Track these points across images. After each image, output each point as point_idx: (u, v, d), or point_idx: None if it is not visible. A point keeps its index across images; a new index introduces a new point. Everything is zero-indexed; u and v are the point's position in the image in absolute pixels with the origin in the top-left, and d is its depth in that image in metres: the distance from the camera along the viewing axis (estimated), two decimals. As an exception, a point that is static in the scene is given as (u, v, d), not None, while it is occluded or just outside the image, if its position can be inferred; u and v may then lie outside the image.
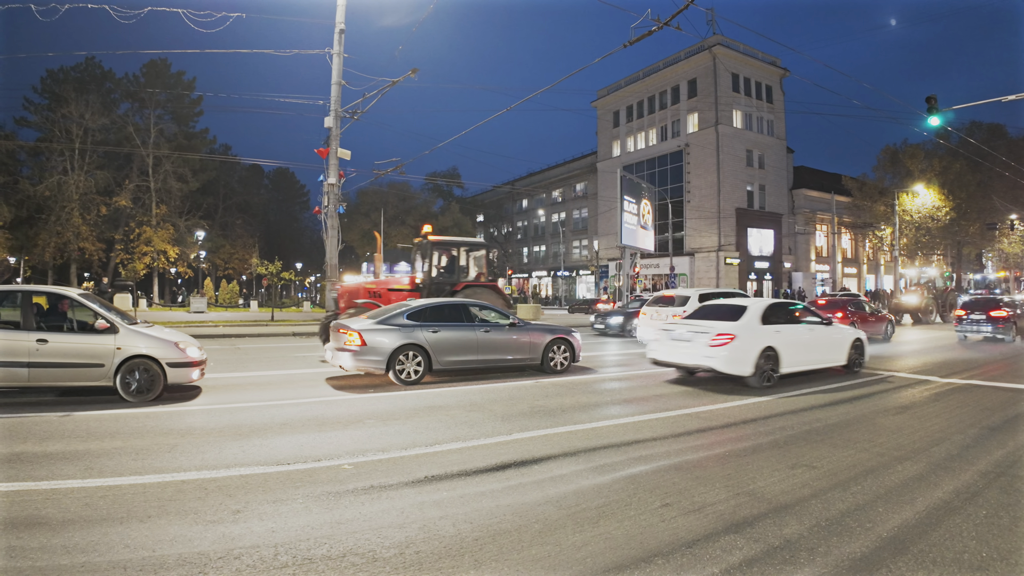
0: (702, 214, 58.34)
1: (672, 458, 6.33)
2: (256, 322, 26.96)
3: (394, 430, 7.38)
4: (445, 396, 9.86)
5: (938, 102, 19.77)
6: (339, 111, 21.76)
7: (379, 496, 5.01)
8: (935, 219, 58.54)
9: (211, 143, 67.41)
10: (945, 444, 6.98)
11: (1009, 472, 5.90)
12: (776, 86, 63.88)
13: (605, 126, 74.42)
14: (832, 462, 6.20)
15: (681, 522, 4.52)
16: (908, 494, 5.23)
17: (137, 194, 53.46)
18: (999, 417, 8.51)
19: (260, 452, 6.34)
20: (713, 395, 10.26)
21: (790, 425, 7.95)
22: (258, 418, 8.06)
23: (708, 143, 58.66)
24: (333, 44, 21.64)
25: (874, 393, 10.59)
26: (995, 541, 4.26)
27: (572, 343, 12.94)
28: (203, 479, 5.48)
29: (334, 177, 21.46)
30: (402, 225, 71.50)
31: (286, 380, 11.58)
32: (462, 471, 5.73)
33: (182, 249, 55.56)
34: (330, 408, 8.80)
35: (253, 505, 4.81)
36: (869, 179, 64.37)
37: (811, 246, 65.66)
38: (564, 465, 5.99)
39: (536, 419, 8.11)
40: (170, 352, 9.25)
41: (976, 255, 76.07)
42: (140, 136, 53.37)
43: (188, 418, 8.15)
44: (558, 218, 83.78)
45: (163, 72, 58.80)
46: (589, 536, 4.25)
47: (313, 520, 4.50)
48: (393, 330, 10.76)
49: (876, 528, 4.47)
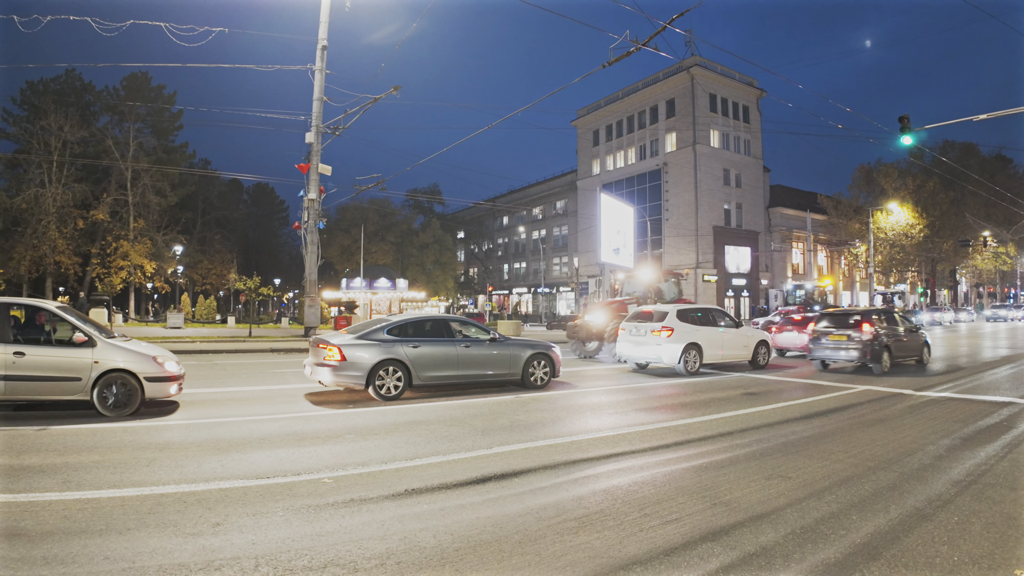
0: (680, 232, 58.89)
1: (650, 470, 6.41)
2: (234, 338, 26.73)
3: (374, 445, 7.39)
4: (425, 411, 9.89)
5: (911, 122, 20.21)
6: (320, 127, 21.84)
7: (359, 509, 5.04)
8: (909, 236, 59.59)
9: (190, 157, 67.14)
10: (918, 455, 7.08)
11: (981, 480, 6.01)
12: (753, 106, 64.86)
13: (585, 145, 75.09)
14: (807, 473, 6.29)
15: (659, 531, 4.59)
16: (881, 503, 5.33)
17: (115, 208, 52.92)
18: (971, 429, 8.64)
19: (239, 466, 6.34)
20: (691, 409, 10.38)
21: (767, 438, 8.07)
22: (237, 433, 8.05)
23: (686, 162, 59.36)
24: (315, 60, 21.76)
25: (849, 405, 10.73)
26: (966, 546, 4.36)
27: (552, 358, 13.00)
28: (182, 492, 5.47)
29: (314, 193, 21.49)
30: (382, 241, 71.47)
31: (265, 396, 11.53)
32: (442, 484, 5.76)
33: (159, 264, 55.03)
34: (309, 423, 8.79)
35: (233, 518, 4.82)
36: (844, 197, 65.51)
37: (787, 263, 66.45)
38: (543, 478, 6.04)
39: (516, 433, 8.17)
40: (148, 366, 9.18)
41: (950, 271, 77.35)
42: (119, 149, 52.91)
43: (166, 432, 8.11)
44: (538, 235, 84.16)
45: (144, 85, 58.50)
46: (569, 545, 4.31)
47: (294, 532, 4.52)
48: (373, 345, 10.76)
49: (850, 535, 4.55)
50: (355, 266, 62.59)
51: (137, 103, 55.24)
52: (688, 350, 15.40)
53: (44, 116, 48.12)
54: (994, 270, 76.42)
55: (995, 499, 5.44)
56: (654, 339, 15.47)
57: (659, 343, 15.37)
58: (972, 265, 73.78)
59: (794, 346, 21.23)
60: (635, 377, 15.30)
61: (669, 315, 15.67)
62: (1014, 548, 4.33)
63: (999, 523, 4.82)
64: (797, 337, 21.10)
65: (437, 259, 76.20)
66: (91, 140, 53.06)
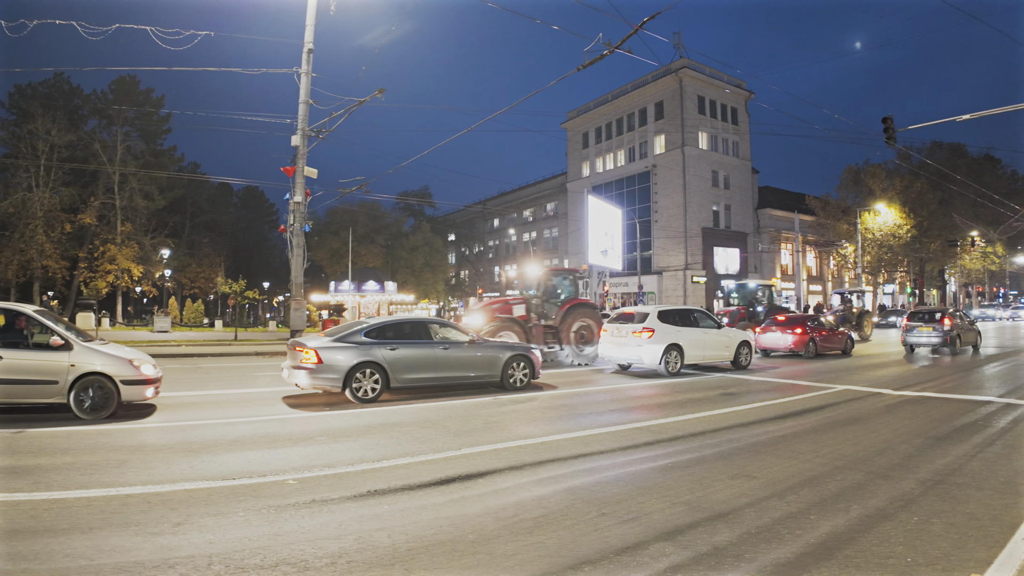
0: (669, 233, 59.01)
1: (616, 470, 6.46)
2: (219, 341, 26.73)
3: (344, 447, 7.42)
4: (401, 413, 9.92)
5: (895, 123, 20.40)
6: (306, 130, 21.82)
7: (320, 510, 5.07)
8: (896, 237, 59.86)
9: (179, 161, 66.82)
10: (888, 454, 7.09)
11: (948, 480, 6.00)
12: (741, 108, 65.11)
13: (575, 147, 75.20)
14: (773, 472, 6.30)
15: (615, 531, 4.61)
16: (844, 502, 5.32)
17: (102, 212, 52.64)
18: (946, 428, 8.66)
19: (208, 468, 6.37)
20: (667, 409, 10.44)
21: (738, 437, 8.10)
22: (210, 435, 8.08)
23: (675, 164, 59.51)
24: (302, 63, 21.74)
25: (826, 405, 10.80)
26: (924, 547, 4.33)
27: (532, 360, 13.03)
28: (148, 493, 5.51)
29: (300, 195, 21.46)
30: (372, 244, 71.36)
31: (243, 399, 11.57)
32: (406, 485, 5.79)
33: (147, 268, 54.78)
34: (283, 426, 8.82)
35: (195, 518, 4.86)
36: (832, 198, 65.68)
37: (776, 264, 66.68)
38: (509, 478, 6.08)
39: (488, 434, 8.22)
40: (124, 369, 9.19)
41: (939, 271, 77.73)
42: (107, 153, 52.64)
43: (140, 435, 8.13)
44: (529, 237, 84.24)
45: (132, 89, 58.26)
46: (522, 545, 4.34)
47: (252, 532, 4.56)
48: (350, 348, 10.76)
49: (806, 535, 4.54)
50: (344, 269, 62.52)
51: (125, 107, 55.00)
52: (669, 351, 15.47)
53: (32, 120, 47.83)
54: (982, 270, 76.82)
55: (960, 499, 5.42)
56: (635, 340, 15.54)
57: (640, 344, 15.44)
58: (961, 265, 74.16)
59: (778, 346, 21.33)
60: (616, 378, 15.37)
61: (650, 316, 15.75)
62: (973, 550, 4.28)
63: (961, 524, 4.79)
64: (781, 337, 21.21)
65: (427, 261, 76.13)
66: (79, 144, 52.75)
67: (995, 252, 73.45)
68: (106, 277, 52.64)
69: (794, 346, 20.83)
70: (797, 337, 20.85)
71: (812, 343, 20.90)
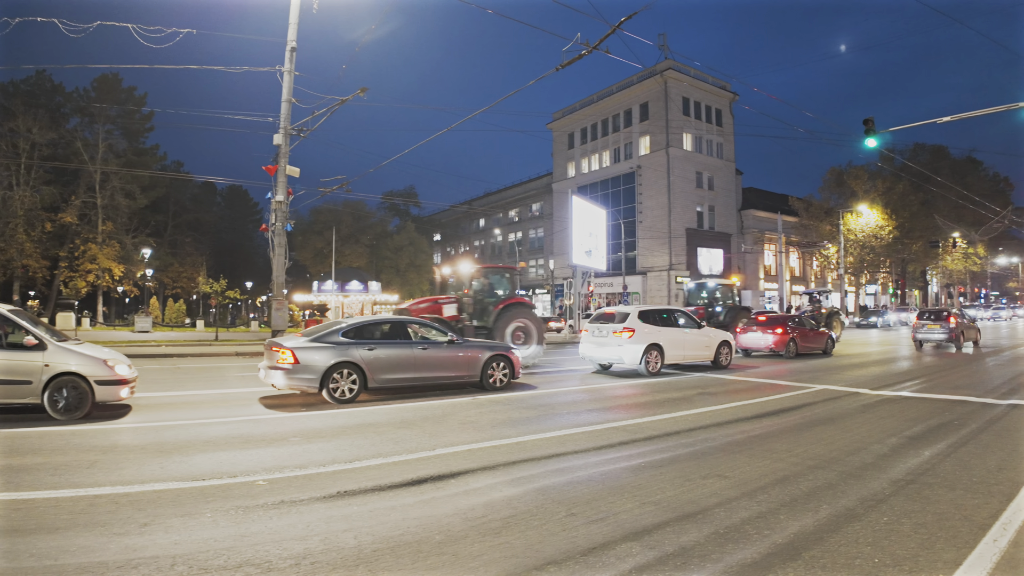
0: (654, 234, 59.25)
1: (588, 470, 6.44)
2: (200, 342, 26.55)
3: (317, 448, 7.37)
4: (377, 414, 9.87)
5: (878, 125, 20.57)
6: (288, 129, 21.73)
7: (288, 511, 5.04)
8: (879, 238, 60.42)
9: (162, 159, 66.44)
10: (862, 454, 7.09)
11: (920, 480, 6.00)
12: (726, 110, 65.49)
13: (560, 148, 75.34)
14: (746, 471, 6.30)
15: (582, 531, 4.60)
16: (814, 502, 5.31)
17: (83, 210, 52.23)
18: (922, 427, 8.68)
19: (179, 469, 6.33)
20: (645, 409, 10.46)
21: (713, 437, 8.11)
22: (183, 436, 8.01)
23: (659, 165, 59.76)
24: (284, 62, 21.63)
25: (803, 404, 10.84)
26: (892, 547, 4.32)
27: (512, 359, 13.02)
28: (116, 494, 5.48)
29: (282, 195, 21.37)
30: (356, 244, 71.15)
31: (220, 399, 11.49)
32: (376, 486, 5.76)
33: (128, 267, 54.36)
34: (258, 427, 8.76)
35: (162, 519, 4.83)
36: (815, 199, 66.29)
37: (760, 265, 67.08)
38: (481, 479, 6.07)
39: (464, 435, 8.19)
40: (98, 370, 9.12)
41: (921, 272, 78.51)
42: (88, 151, 52.25)
43: (113, 436, 8.07)
44: (515, 237, 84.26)
45: (114, 87, 57.84)
46: (488, 546, 4.33)
47: (219, 533, 4.53)
48: (327, 348, 10.70)
49: (773, 535, 4.53)
50: (328, 269, 62.24)
51: (107, 105, 54.60)
52: (649, 351, 15.52)
53: (13, 118, 47.43)
54: (964, 270, 77.71)
55: (931, 499, 5.40)
56: (615, 340, 15.58)
57: (620, 344, 15.48)
58: (942, 266, 74.97)
59: (758, 346, 21.45)
60: (596, 378, 15.40)
61: (631, 316, 15.79)
62: (942, 551, 4.27)
63: (930, 524, 4.77)
64: (762, 337, 21.33)
65: (412, 261, 75.96)
66: (60, 142, 52.35)
67: (976, 253, 74.40)
68: (87, 277, 52.20)
69: (775, 346, 20.95)
70: (777, 337, 20.97)
71: (792, 343, 21.04)
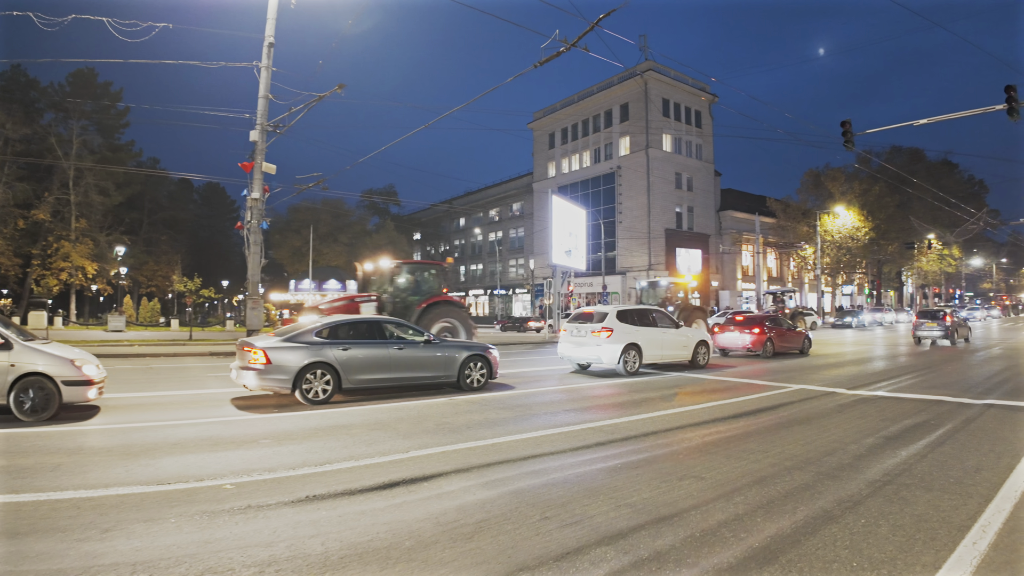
0: (633, 234, 59.48)
1: (564, 472, 6.36)
2: (174, 341, 26.17)
3: (288, 450, 7.23)
4: (351, 415, 9.72)
5: (855, 127, 20.80)
6: (265, 125, 21.50)
7: (255, 516, 4.92)
8: (855, 239, 61.08)
9: (137, 156, 65.53)
10: (838, 454, 7.06)
11: (897, 481, 5.97)
12: (705, 111, 65.90)
13: (541, 147, 75.42)
14: (722, 473, 6.24)
15: (556, 535, 4.52)
16: (791, 503, 5.26)
17: (57, 207, 51.38)
18: (898, 427, 8.68)
19: (144, 472, 6.17)
20: (622, 409, 10.43)
21: (689, 437, 8.08)
22: (151, 438, 7.83)
23: (639, 166, 60.01)
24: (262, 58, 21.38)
25: (781, 404, 10.85)
26: (869, 550, 4.26)
27: (490, 360, 12.94)
28: (79, 498, 5.33)
29: (258, 192, 21.14)
30: (335, 242, 70.72)
31: (191, 400, 11.29)
32: (347, 490, 5.64)
33: (101, 265, 53.58)
34: (228, 428, 8.59)
35: (124, 524, 4.70)
36: (793, 201, 66.93)
37: (737, 265, 67.60)
38: (455, 481, 5.96)
39: (439, 436, 8.07)
40: (66, 370, 8.93)
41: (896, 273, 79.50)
42: (63, 147, 51.42)
43: (80, 438, 7.88)
44: (495, 237, 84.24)
45: (90, 82, 57.02)
46: (459, 552, 4.23)
47: (182, 539, 4.40)
48: (300, 348, 10.54)
49: (750, 538, 4.47)
50: (306, 267, 61.83)
51: (82, 100, 53.75)
52: (628, 350, 15.51)
53: (-15, 113, 46.60)
54: (939, 271, 78.84)
55: (908, 500, 5.36)
56: (594, 340, 15.55)
57: (599, 344, 15.45)
58: (918, 267, 75.98)
59: (736, 346, 21.54)
60: (575, 378, 15.36)
61: (609, 316, 15.77)
62: (920, 553, 4.23)
63: (908, 526, 4.73)
64: (739, 337, 21.42)
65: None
66: (34, 138, 51.44)
67: (951, 254, 75.49)
68: (59, 275, 51.40)
69: (752, 345, 21.06)
70: (755, 337, 21.08)
71: (770, 343, 21.16)
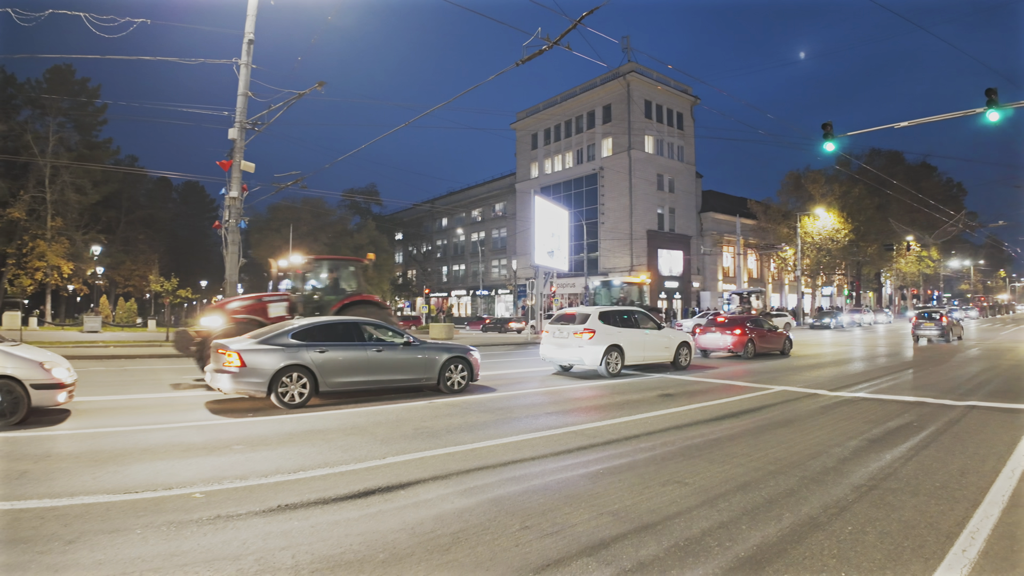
0: (615, 235, 59.60)
1: (545, 478, 6.24)
2: (151, 342, 25.82)
3: (261, 456, 7.05)
4: (328, 419, 9.53)
5: (836, 129, 20.84)
6: (244, 123, 21.22)
7: (224, 526, 4.76)
8: (835, 240, 61.62)
9: (115, 154, 64.62)
10: (822, 457, 6.99)
11: (882, 485, 5.89)
12: (687, 113, 66.16)
13: (524, 148, 75.41)
14: (705, 478, 6.15)
15: (535, 546, 4.40)
16: (776, 510, 5.17)
17: (33, 206, 50.59)
18: (881, 430, 8.62)
19: (112, 480, 5.99)
20: (604, 412, 10.35)
21: (672, 441, 7.97)
22: (121, 443, 7.62)
23: (621, 167, 60.13)
24: (241, 54, 21.10)
25: (763, 406, 10.81)
26: (857, 559, 4.16)
27: (471, 362, 12.82)
28: (43, 508, 5.15)
29: (236, 191, 20.86)
30: (315, 242, 70.10)
31: (164, 403, 11.06)
32: (320, 499, 5.48)
33: (78, 265, 52.82)
34: (200, 433, 8.38)
35: (88, 535, 4.53)
36: (773, 203, 67.39)
37: (718, 266, 67.94)
38: (432, 489, 5.82)
39: (417, 441, 7.92)
40: (35, 373, 8.69)
41: (875, 274, 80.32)
42: (39, 145, 50.63)
43: (48, 443, 7.66)
44: (477, 237, 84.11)
45: (67, 78, 56.24)
46: (435, 564, 4.10)
47: (147, 551, 4.24)
48: (276, 350, 10.33)
49: (735, 547, 4.37)
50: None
51: (60, 96, 52.95)
52: (610, 352, 15.44)
53: (-39, 110, 45.81)
54: (917, 273, 79.79)
55: (895, 505, 5.28)
56: (576, 341, 15.47)
57: (581, 345, 15.38)
58: (896, 268, 76.83)
59: (717, 347, 21.57)
60: (556, 380, 15.28)
61: (591, 317, 15.70)
62: (909, 562, 4.13)
63: (895, 532, 4.65)
64: (720, 338, 21.45)
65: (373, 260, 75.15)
66: (10, 135, 50.62)
67: (930, 256, 76.37)
68: (35, 275, 50.60)
69: (733, 347, 21.10)
70: (736, 338, 21.11)
71: (751, 344, 21.19)
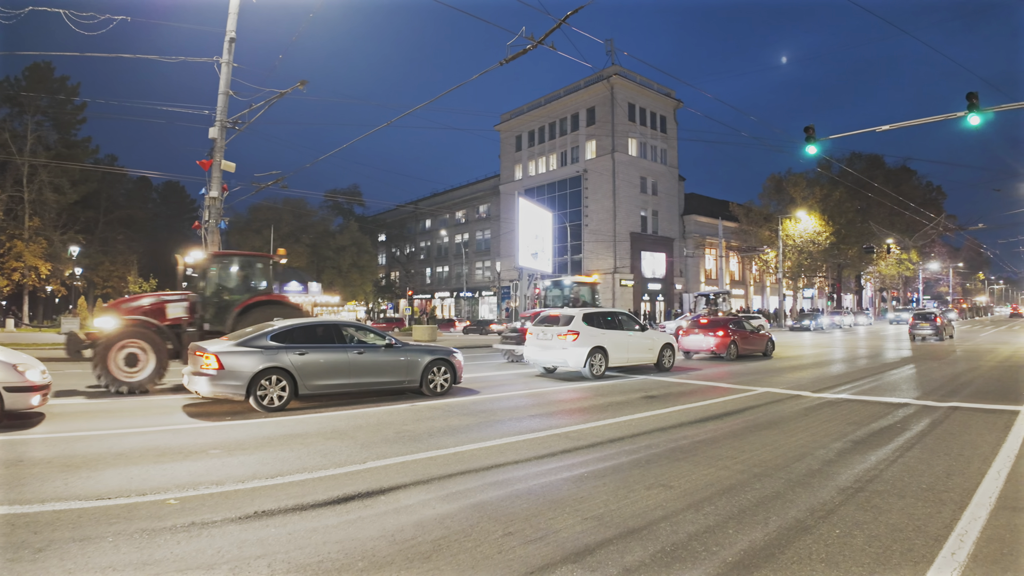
0: (599, 237, 59.70)
1: (528, 482, 6.16)
2: (130, 343, 25.40)
3: (238, 461, 6.91)
4: (307, 423, 9.39)
5: (817, 133, 20.94)
6: (225, 122, 20.97)
7: (199, 534, 4.63)
8: (816, 243, 62.03)
9: (94, 153, 63.74)
10: (808, 459, 6.97)
11: (868, 488, 5.87)
12: (670, 116, 66.45)
13: (508, 150, 75.36)
14: (691, 481, 6.10)
15: (519, 552, 4.31)
16: (762, 513, 5.12)
17: (9, 205, 49.78)
18: (865, 431, 8.63)
19: (84, 485, 5.84)
20: (588, 414, 10.31)
21: (656, 443, 7.93)
22: (95, 448, 7.46)
23: (605, 169, 60.26)
24: (223, 53, 20.86)
25: (747, 408, 10.81)
26: (846, 563, 4.12)
27: (454, 364, 12.72)
28: (13, 514, 5.01)
29: (216, 191, 20.61)
30: (296, 243, 69.70)
31: (141, 407, 10.86)
32: (298, 505, 5.36)
33: (55, 265, 52.06)
34: (177, 437, 8.22)
35: (58, 544, 4.39)
36: (755, 205, 67.75)
37: (701, 269, 68.30)
38: (413, 494, 5.71)
39: (398, 445, 7.81)
40: (7, 375, 8.53)
41: (856, 277, 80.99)
42: (16, 143, 49.82)
43: (20, 448, 7.49)
44: (461, 239, 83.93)
45: (46, 76, 55.40)
46: (416, 572, 4.00)
47: (118, 560, 4.12)
48: (255, 352, 10.16)
49: (722, 552, 4.31)
50: (268, 269, 60.81)
51: (38, 94, 52.19)
52: (594, 354, 15.40)
53: (-63, 108, 45.03)
54: (897, 275, 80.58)
55: (882, 508, 5.25)
56: (560, 343, 15.42)
57: (565, 347, 15.32)
58: (876, 271, 77.53)
59: (700, 348, 21.62)
60: (540, 382, 15.21)
61: (575, 319, 15.65)
62: (898, 566, 4.08)
63: (883, 536, 4.61)
64: (704, 339, 21.50)
65: (355, 262, 74.84)
66: (-13, 133, 49.85)
67: (910, 259, 77.11)
68: (11, 275, 49.83)
69: (716, 348, 21.16)
70: (719, 339, 21.17)
71: (734, 345, 21.25)
